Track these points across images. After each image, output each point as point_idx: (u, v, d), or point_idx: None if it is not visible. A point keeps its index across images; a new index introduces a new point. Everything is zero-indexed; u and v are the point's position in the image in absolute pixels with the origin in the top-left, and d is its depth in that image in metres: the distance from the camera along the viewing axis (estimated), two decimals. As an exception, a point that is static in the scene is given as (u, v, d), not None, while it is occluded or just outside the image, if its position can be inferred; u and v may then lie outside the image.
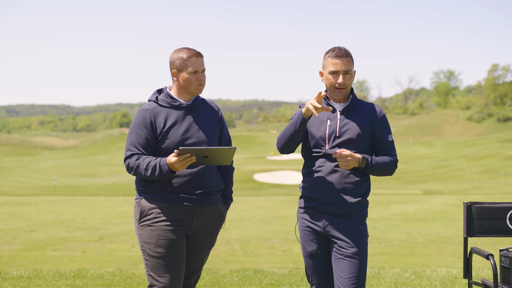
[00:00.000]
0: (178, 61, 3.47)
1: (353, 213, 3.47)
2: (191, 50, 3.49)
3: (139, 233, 3.47)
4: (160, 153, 3.46)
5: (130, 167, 3.43)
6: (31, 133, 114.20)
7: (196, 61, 3.48)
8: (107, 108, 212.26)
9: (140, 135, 3.44)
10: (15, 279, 6.05)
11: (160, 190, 3.43)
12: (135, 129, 3.47)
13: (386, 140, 3.54)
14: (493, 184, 27.79)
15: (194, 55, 3.47)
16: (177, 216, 3.43)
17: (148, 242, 3.42)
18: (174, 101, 3.51)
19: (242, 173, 35.59)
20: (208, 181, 3.50)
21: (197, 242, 3.53)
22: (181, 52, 3.49)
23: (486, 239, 9.64)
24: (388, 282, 5.98)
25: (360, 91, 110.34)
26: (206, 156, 3.27)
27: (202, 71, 3.51)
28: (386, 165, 3.48)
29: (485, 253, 3.83)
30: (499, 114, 77.89)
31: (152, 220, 3.42)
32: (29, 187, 30.56)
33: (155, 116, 3.47)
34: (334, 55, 3.49)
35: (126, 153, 3.48)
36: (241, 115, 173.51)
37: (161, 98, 3.53)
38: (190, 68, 3.46)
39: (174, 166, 3.27)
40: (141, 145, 3.44)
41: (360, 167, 3.41)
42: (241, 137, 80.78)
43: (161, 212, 3.42)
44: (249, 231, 11.01)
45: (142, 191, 3.49)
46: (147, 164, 3.35)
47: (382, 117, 3.55)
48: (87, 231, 11.07)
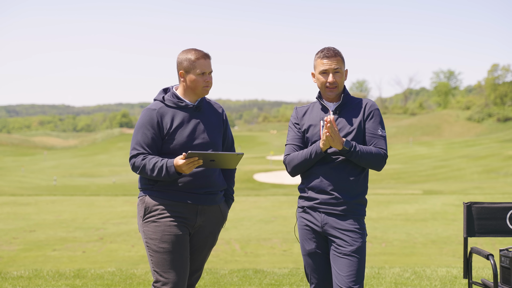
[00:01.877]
0: (186, 62, 3.48)
1: (351, 212, 3.48)
2: (199, 51, 3.51)
3: (143, 230, 3.49)
4: (165, 153, 3.48)
5: (136, 166, 3.44)
6: (31, 133, 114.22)
7: (204, 63, 3.49)
8: (107, 108, 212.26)
9: (146, 134, 3.46)
10: (15, 279, 6.05)
11: (165, 188, 3.46)
12: (142, 128, 3.47)
13: (375, 132, 3.52)
14: (493, 184, 27.79)
15: (202, 57, 3.49)
16: (181, 214, 3.46)
17: (153, 238, 3.44)
18: (181, 102, 3.52)
19: (242, 173, 35.61)
20: (212, 181, 3.53)
21: (199, 240, 3.56)
22: (189, 53, 3.50)
23: (486, 239, 9.64)
24: (388, 282, 5.98)
25: (360, 91, 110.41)
26: (213, 160, 3.32)
27: (210, 73, 3.53)
28: (372, 155, 3.44)
29: (485, 253, 3.83)
30: (499, 114, 77.93)
31: (156, 216, 3.45)
32: (29, 187, 30.56)
33: (161, 116, 3.48)
34: (323, 55, 3.53)
35: (132, 152, 3.48)
36: (241, 115, 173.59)
37: (167, 98, 3.54)
38: (198, 70, 3.48)
39: (181, 168, 3.31)
40: (147, 144, 3.45)
41: (343, 149, 3.40)
42: (241, 137, 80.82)
43: (165, 209, 3.44)
44: (249, 231, 11.01)
45: (146, 189, 3.51)
46: (154, 164, 3.37)
47: (373, 111, 3.55)
48: (87, 231, 11.07)
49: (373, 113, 3.55)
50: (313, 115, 3.60)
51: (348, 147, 3.39)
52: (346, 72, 3.62)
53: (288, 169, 3.62)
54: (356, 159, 3.43)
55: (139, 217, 3.54)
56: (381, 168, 3.53)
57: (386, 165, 4.10)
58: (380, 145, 3.51)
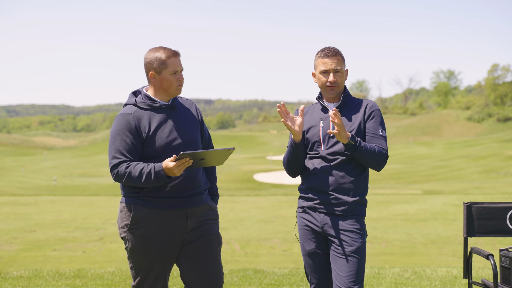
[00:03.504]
0: (156, 62, 3.34)
1: (351, 212, 3.49)
2: (168, 49, 3.37)
3: (128, 238, 3.39)
4: (146, 157, 3.34)
5: (119, 175, 3.27)
6: (31, 133, 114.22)
7: (175, 61, 3.36)
8: (107, 108, 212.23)
9: (125, 141, 3.29)
10: (15, 279, 6.05)
11: (152, 195, 3.33)
12: (119, 134, 3.30)
13: (376, 132, 3.52)
14: (493, 184, 27.78)
15: (173, 55, 3.35)
16: (170, 222, 3.35)
17: (138, 249, 3.37)
18: (155, 103, 3.38)
19: (242, 173, 35.59)
20: (197, 181, 3.44)
21: (201, 240, 3.44)
22: (158, 52, 3.35)
23: (486, 239, 9.64)
24: (388, 282, 5.98)
25: (360, 91, 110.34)
26: (203, 158, 3.21)
27: (181, 71, 3.41)
28: (375, 153, 3.44)
29: (485, 253, 3.83)
30: (499, 114, 77.89)
31: (144, 228, 3.34)
32: (29, 187, 30.54)
33: (138, 119, 3.33)
34: (324, 55, 3.53)
35: (112, 161, 3.29)
36: (241, 115, 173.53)
37: (140, 100, 3.39)
38: (170, 69, 3.34)
39: (172, 171, 3.17)
40: (127, 151, 3.29)
41: (349, 143, 3.38)
42: (241, 137, 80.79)
43: (154, 220, 3.33)
44: (249, 231, 11.01)
45: (132, 197, 3.37)
46: (140, 171, 3.22)
47: (374, 111, 3.55)
48: (87, 231, 11.07)
49: (374, 114, 3.55)
50: (313, 116, 3.61)
51: (354, 142, 3.39)
52: (346, 72, 3.62)
53: (284, 169, 3.65)
54: (360, 155, 3.41)
55: (123, 224, 3.40)
56: (382, 168, 3.52)
57: (386, 165, 4.10)
58: (381, 145, 3.51)
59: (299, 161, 3.55)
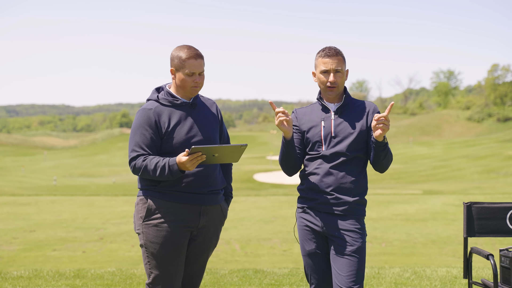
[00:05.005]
0: (177, 60, 3.41)
1: (351, 212, 3.49)
2: (191, 51, 3.41)
3: (143, 231, 3.44)
4: (164, 152, 3.42)
5: (136, 168, 3.37)
6: (31, 133, 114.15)
7: (194, 63, 3.40)
8: (107, 108, 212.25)
9: (145, 135, 3.38)
10: (15, 279, 6.05)
11: (167, 189, 3.40)
12: (139, 128, 3.40)
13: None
14: (493, 184, 27.79)
15: (193, 57, 3.39)
16: (184, 216, 3.41)
17: (154, 242, 3.41)
18: (176, 100, 3.46)
19: (242, 173, 35.59)
20: (214, 179, 3.50)
21: (204, 240, 3.52)
22: (181, 51, 3.41)
23: (486, 239, 9.64)
24: (388, 282, 5.98)
25: (360, 91, 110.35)
26: (216, 154, 3.24)
27: (200, 73, 3.44)
28: (391, 155, 3.50)
29: (485, 253, 3.83)
30: (499, 114, 77.90)
31: (159, 219, 3.40)
32: (29, 187, 30.55)
33: (158, 115, 3.41)
34: (324, 55, 3.52)
35: (131, 154, 3.40)
36: (241, 115, 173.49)
37: (162, 97, 3.48)
38: (187, 70, 3.39)
39: (184, 165, 3.23)
40: (146, 145, 3.38)
41: (383, 141, 3.39)
42: (241, 137, 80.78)
43: (168, 212, 3.39)
44: (249, 231, 11.01)
45: (148, 189, 3.44)
46: (155, 164, 3.30)
47: (377, 114, 3.56)
48: (87, 231, 11.08)
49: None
50: (314, 116, 3.60)
51: (386, 140, 3.41)
52: (347, 72, 3.62)
53: (283, 170, 3.66)
54: (383, 153, 3.43)
55: (138, 217, 3.48)
56: (385, 170, 3.54)
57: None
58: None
59: (293, 159, 3.56)
